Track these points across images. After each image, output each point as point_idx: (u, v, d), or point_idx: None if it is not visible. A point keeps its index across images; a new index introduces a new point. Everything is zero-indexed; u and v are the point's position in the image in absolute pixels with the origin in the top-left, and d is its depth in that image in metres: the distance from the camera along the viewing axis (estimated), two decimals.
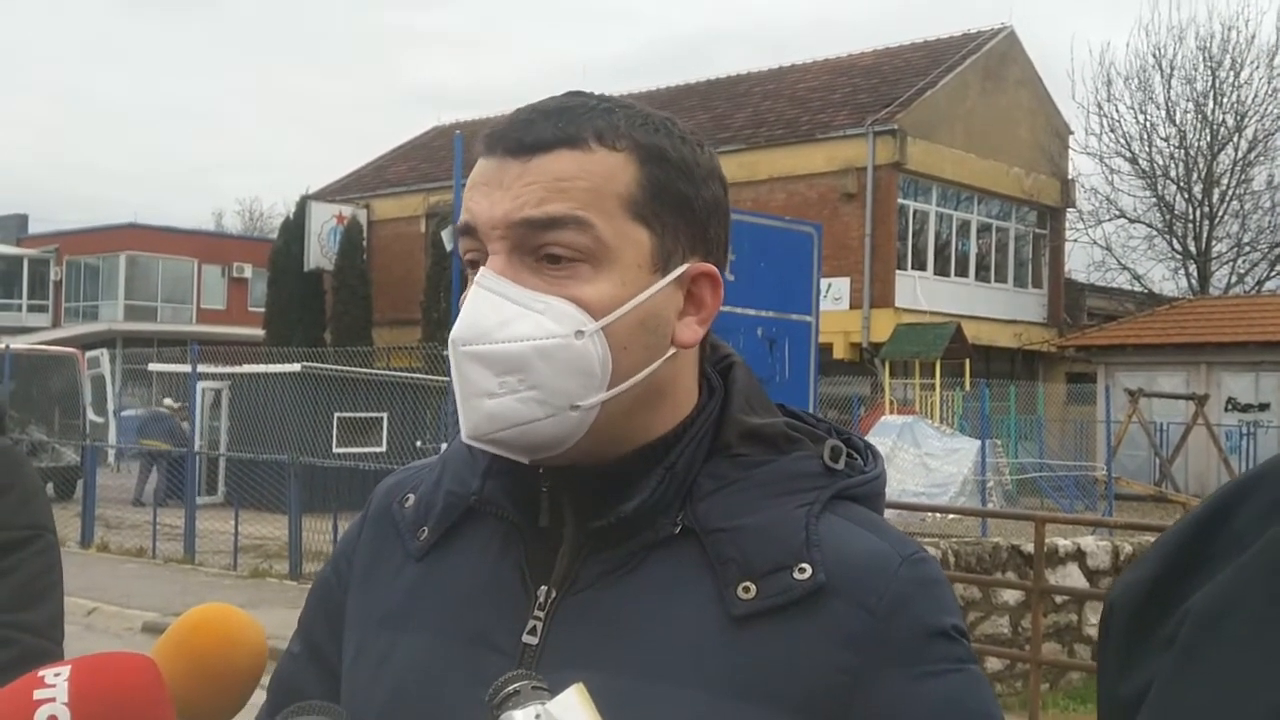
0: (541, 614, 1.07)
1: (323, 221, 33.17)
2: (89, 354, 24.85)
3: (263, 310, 34.74)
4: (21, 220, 50.57)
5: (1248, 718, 0.70)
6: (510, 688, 0.90)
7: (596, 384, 1.04)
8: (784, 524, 1.05)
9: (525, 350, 1.02)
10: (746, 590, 1.02)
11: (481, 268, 1.05)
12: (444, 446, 1.29)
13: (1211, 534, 0.80)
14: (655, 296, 1.06)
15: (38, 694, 0.91)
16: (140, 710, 0.93)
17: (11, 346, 21.63)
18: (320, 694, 1.15)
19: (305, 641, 1.23)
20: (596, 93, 1.11)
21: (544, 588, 1.08)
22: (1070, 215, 32.86)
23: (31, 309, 45.57)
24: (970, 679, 1.04)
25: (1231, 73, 31.52)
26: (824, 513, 1.06)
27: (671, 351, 1.09)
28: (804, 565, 1.03)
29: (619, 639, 1.04)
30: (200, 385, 18.02)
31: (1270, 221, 32.36)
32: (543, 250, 1.04)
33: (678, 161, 1.08)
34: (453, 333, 1.05)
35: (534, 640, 1.06)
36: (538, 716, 0.88)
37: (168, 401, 21.84)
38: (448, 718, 1.05)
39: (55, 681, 0.92)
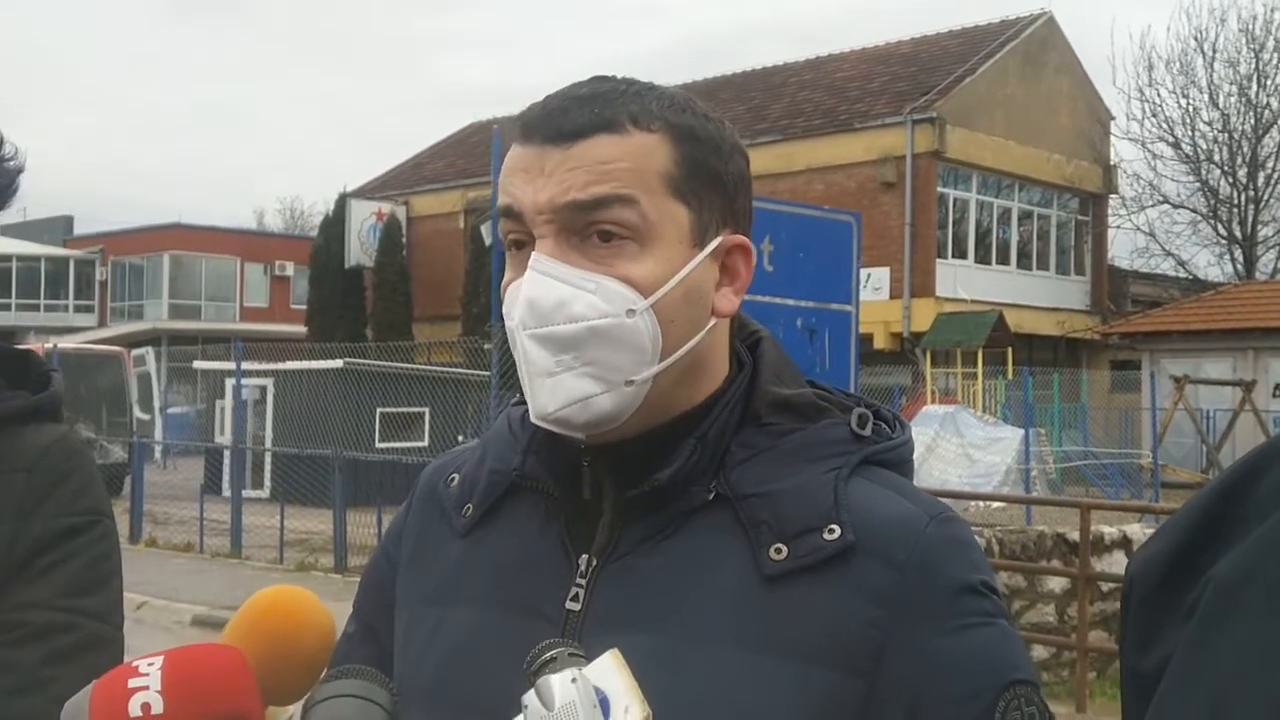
0: (583, 581, 1.11)
1: (362, 219, 33.33)
2: (135, 352, 25.14)
3: (305, 307, 34.96)
4: (67, 222, 51.18)
5: (1269, 686, 0.71)
6: (547, 654, 0.93)
7: (648, 358, 1.08)
8: (813, 488, 1.08)
9: (580, 330, 1.07)
10: (778, 551, 1.06)
11: (534, 253, 1.08)
12: (473, 441, 1.33)
13: (1231, 505, 0.81)
14: (696, 270, 1.11)
15: (132, 682, 0.95)
16: (228, 697, 0.96)
17: (59, 346, 21.91)
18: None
19: (359, 622, 1.28)
20: (621, 76, 1.15)
21: (585, 556, 1.12)
22: (1113, 201, 32.52)
23: (78, 309, 46.09)
24: (1000, 632, 1.06)
25: (1275, 54, 31.07)
26: (853, 477, 1.10)
27: (713, 323, 1.13)
28: (833, 526, 1.06)
29: (657, 602, 1.08)
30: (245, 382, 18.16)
31: None
32: (592, 229, 1.08)
33: (707, 139, 1.12)
34: (514, 318, 1.08)
35: (577, 606, 1.10)
36: (574, 680, 0.90)
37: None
38: (497, 684, 1.08)
39: (148, 670, 0.96)
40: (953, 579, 1.06)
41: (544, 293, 1.07)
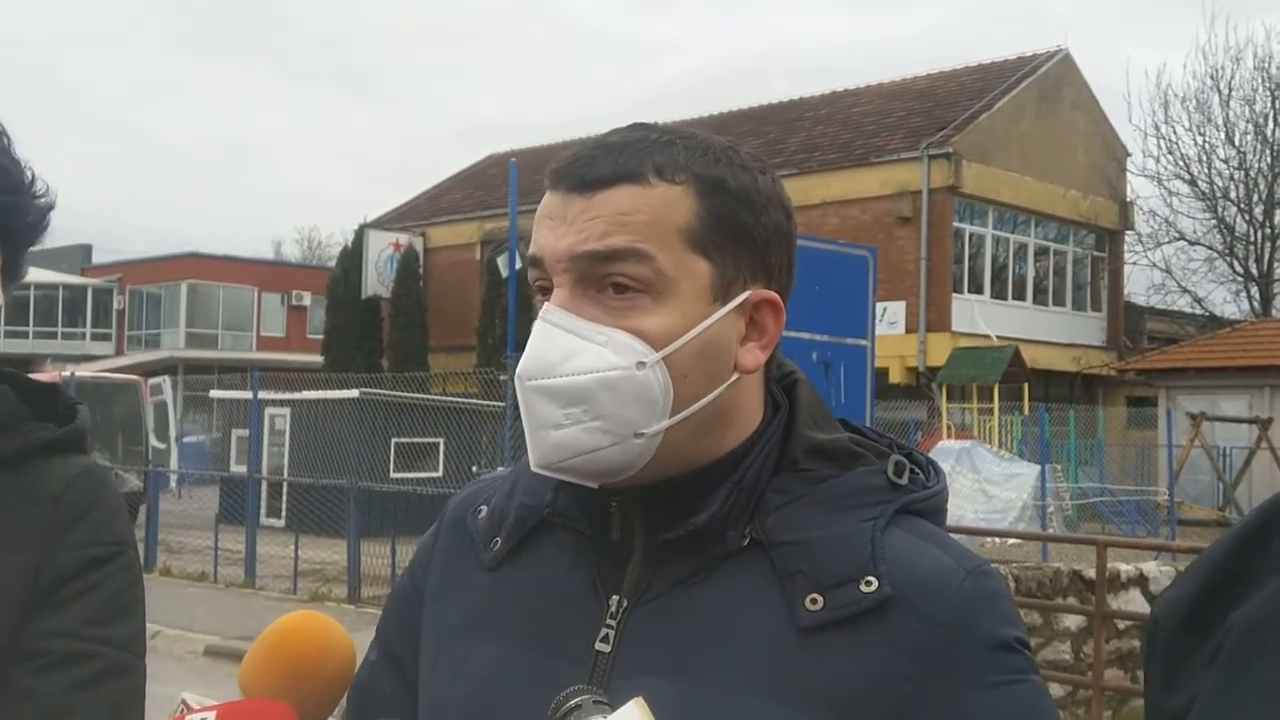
0: (614, 623, 1.10)
1: (380, 249, 33.49)
2: (151, 381, 25.26)
3: (321, 337, 35.10)
4: (85, 250, 51.47)
5: None
6: (571, 702, 0.92)
7: (659, 412, 1.07)
8: (850, 537, 1.07)
9: (589, 383, 1.06)
10: (814, 602, 1.05)
11: (546, 303, 1.08)
12: (500, 470, 1.32)
13: (1254, 550, 0.81)
14: (715, 325, 1.09)
15: None
16: None
17: (76, 374, 21.97)
18: (397, 700, 1.18)
19: (382, 649, 1.26)
20: (660, 124, 1.14)
21: (615, 597, 1.11)
22: (1129, 238, 32.49)
23: (95, 337, 46.31)
24: (1033, 690, 1.06)
25: None
26: (889, 527, 1.09)
27: (735, 377, 1.11)
28: (870, 578, 1.05)
29: (689, 648, 1.06)
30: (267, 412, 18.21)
31: None
32: (606, 280, 1.07)
33: (737, 191, 1.11)
34: (519, 368, 1.08)
35: (606, 648, 1.09)
36: None
37: None
38: None
39: None
40: (988, 635, 1.05)
41: (551, 344, 1.06)
